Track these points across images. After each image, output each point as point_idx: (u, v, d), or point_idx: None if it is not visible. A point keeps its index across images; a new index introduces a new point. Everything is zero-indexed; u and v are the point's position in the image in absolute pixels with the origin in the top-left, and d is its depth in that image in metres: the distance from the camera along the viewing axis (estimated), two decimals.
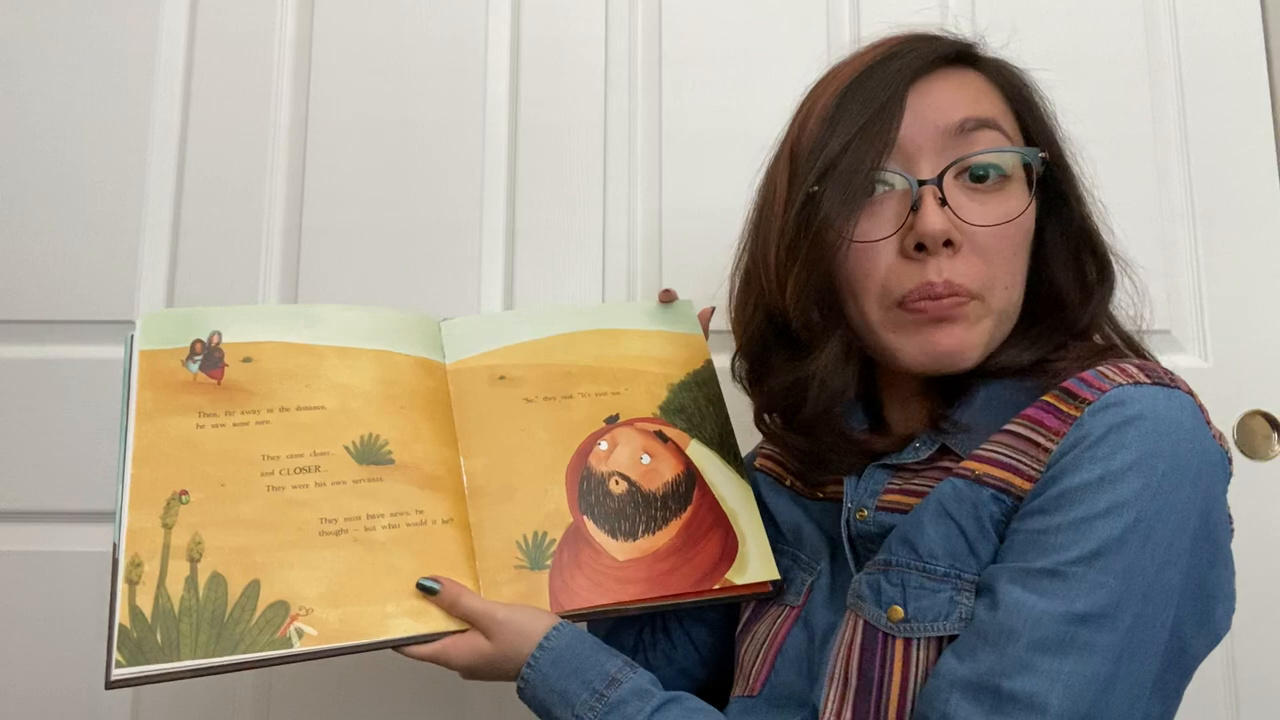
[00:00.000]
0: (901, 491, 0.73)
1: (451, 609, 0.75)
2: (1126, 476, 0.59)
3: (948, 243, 0.67)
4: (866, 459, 0.78)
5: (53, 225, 1.33)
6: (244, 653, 0.70)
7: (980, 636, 0.60)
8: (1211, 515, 0.62)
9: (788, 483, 0.89)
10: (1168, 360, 1.25)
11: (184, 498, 0.73)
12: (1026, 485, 0.63)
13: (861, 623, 0.68)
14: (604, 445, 0.87)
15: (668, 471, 0.87)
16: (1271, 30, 1.35)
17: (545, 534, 0.81)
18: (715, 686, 0.94)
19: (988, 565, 0.64)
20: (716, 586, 0.80)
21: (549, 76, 1.36)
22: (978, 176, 0.68)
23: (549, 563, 0.80)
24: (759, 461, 0.96)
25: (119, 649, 0.68)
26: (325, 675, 1.21)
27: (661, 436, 0.89)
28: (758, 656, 0.81)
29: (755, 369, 0.84)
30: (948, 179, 0.68)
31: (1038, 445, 0.63)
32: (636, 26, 1.38)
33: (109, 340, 1.28)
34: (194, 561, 0.71)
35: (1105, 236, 0.77)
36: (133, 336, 0.80)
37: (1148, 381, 0.62)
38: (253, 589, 0.71)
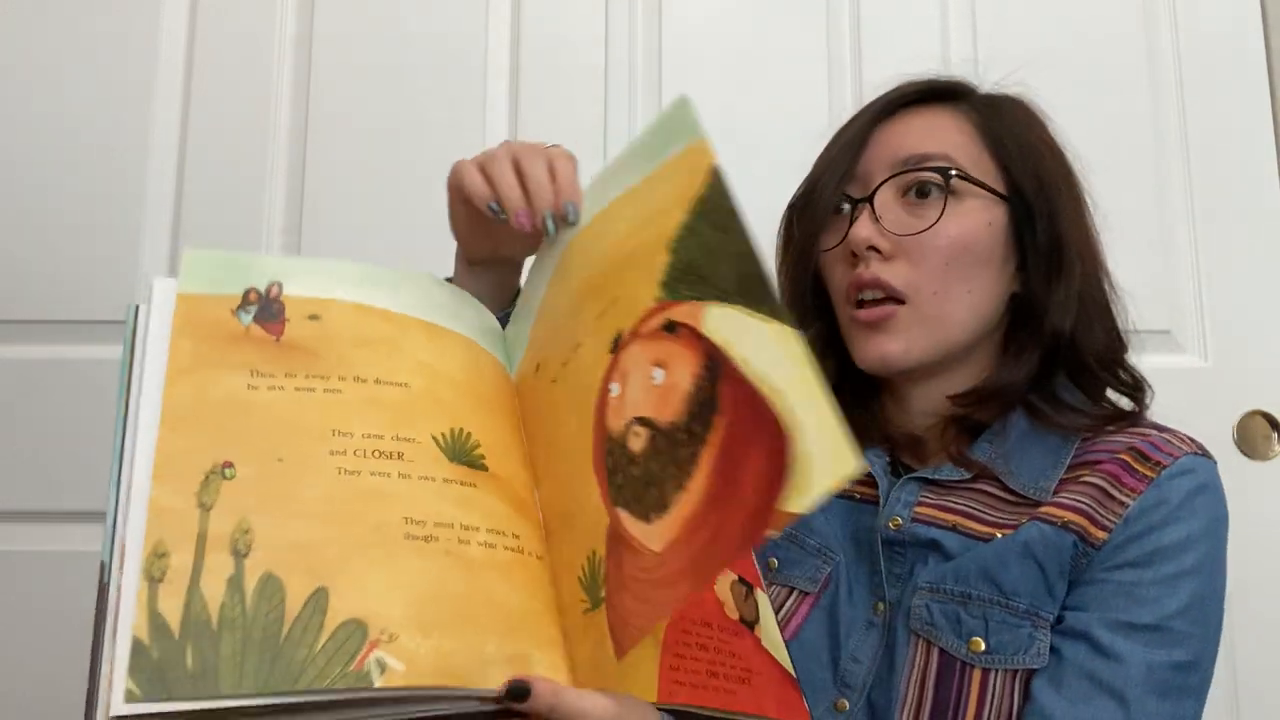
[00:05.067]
0: (937, 507, 0.75)
1: (550, 714, 0.52)
2: (1203, 539, 0.68)
3: (876, 249, 0.75)
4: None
5: (53, 225, 1.31)
6: (308, 686, 0.47)
7: (1095, 683, 0.65)
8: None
9: None
10: (1168, 360, 1.25)
11: (228, 471, 0.53)
12: (1101, 534, 0.68)
13: (937, 650, 0.70)
14: (615, 388, 0.58)
15: (684, 377, 0.54)
16: (1271, 30, 1.31)
17: (595, 553, 0.56)
18: None
19: (1060, 603, 0.69)
20: (771, 529, 0.48)
21: (549, 77, 1.31)
22: (921, 193, 0.76)
23: (603, 593, 0.54)
24: None
25: (132, 672, 0.45)
26: None
27: (667, 328, 0.56)
28: None
29: None
30: (884, 195, 0.76)
31: (1113, 499, 0.69)
32: (636, 27, 1.37)
33: (109, 340, 1.20)
34: (240, 556, 0.50)
35: (1100, 261, 0.80)
36: (152, 286, 0.60)
37: (1201, 453, 0.71)
38: (319, 599, 0.50)
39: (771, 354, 0.51)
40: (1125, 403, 0.79)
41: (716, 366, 0.53)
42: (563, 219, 0.66)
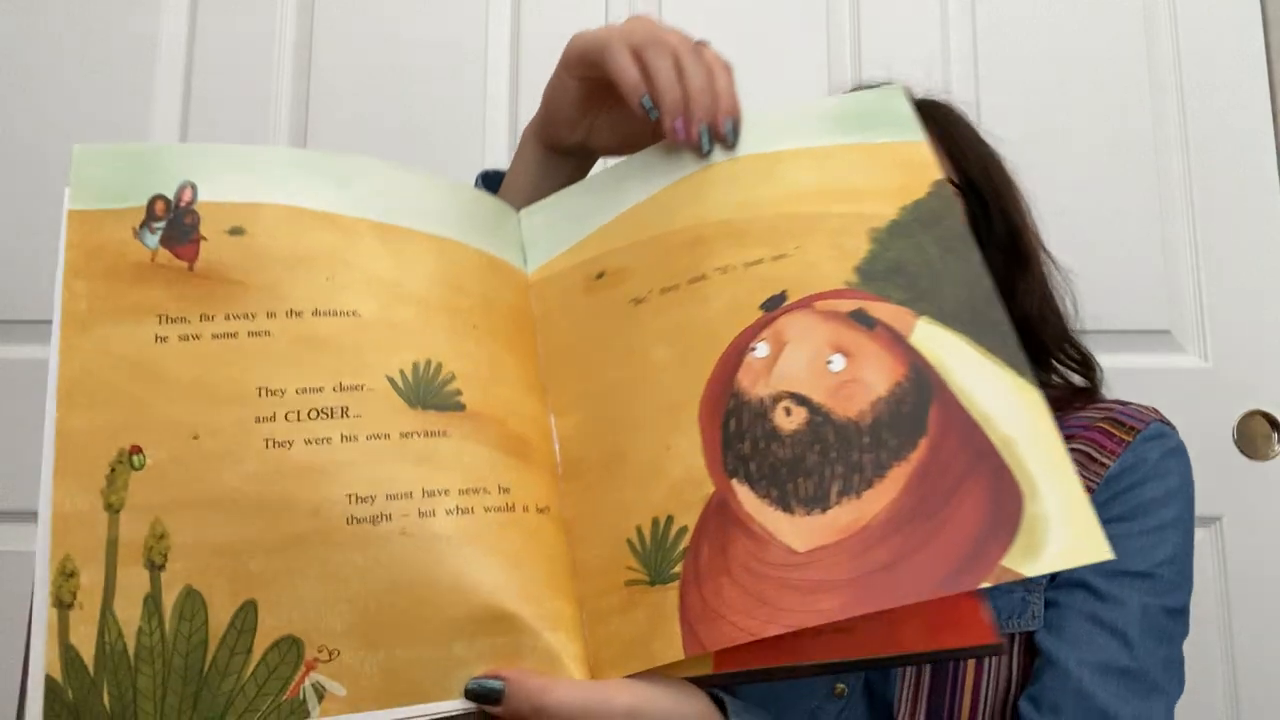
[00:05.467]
0: None
1: (536, 715, 0.42)
2: (1179, 495, 0.71)
3: None
4: None
5: (54, 225, 1.32)
6: None
7: (1097, 623, 0.67)
8: None
9: None
10: (1168, 360, 1.26)
11: (136, 459, 0.43)
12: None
13: None
14: (761, 349, 0.50)
15: (879, 380, 0.48)
16: (1271, 30, 1.30)
17: (670, 520, 0.47)
18: None
19: None
20: (985, 582, 0.42)
21: (549, 76, 1.36)
22: None
23: (677, 569, 0.45)
24: None
25: (48, 717, 0.40)
26: None
27: (863, 319, 0.50)
28: None
29: None
30: None
31: (1096, 461, 0.72)
32: None
33: None
34: (156, 569, 0.42)
35: (1040, 241, 0.82)
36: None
37: (1166, 422, 0.75)
38: (245, 616, 0.42)
39: (1006, 401, 0.47)
40: (1077, 379, 0.81)
41: (927, 385, 0.48)
42: (721, 139, 0.56)
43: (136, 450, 0.44)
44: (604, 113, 0.63)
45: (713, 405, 0.50)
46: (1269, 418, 1.22)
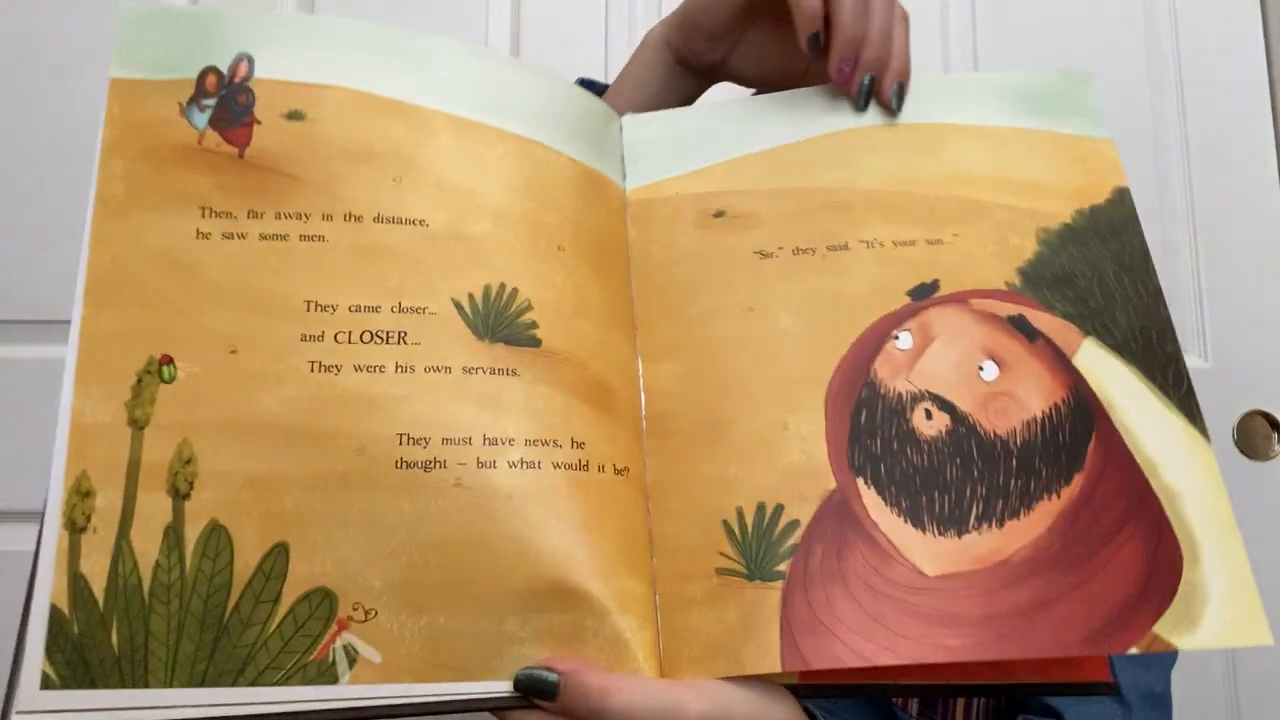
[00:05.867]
0: None
1: (594, 718, 0.35)
2: None
3: None
4: None
5: (54, 225, 1.31)
6: (252, 686, 0.35)
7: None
8: None
9: None
10: None
11: (167, 370, 0.38)
12: None
13: None
14: (905, 339, 0.45)
15: (1035, 398, 0.43)
16: (1271, 30, 1.27)
17: (780, 509, 0.41)
18: None
19: None
20: (1134, 648, 0.38)
21: None
22: None
23: (782, 568, 0.40)
24: None
25: (50, 652, 0.35)
26: None
27: (1023, 327, 0.45)
28: None
29: None
30: None
31: None
32: (636, 27, 1.36)
33: None
34: (180, 497, 0.37)
35: None
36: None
37: None
38: (276, 560, 0.37)
39: (1174, 450, 0.43)
40: None
41: (1089, 415, 0.44)
42: (884, 101, 0.49)
43: (167, 360, 0.38)
44: (755, 34, 0.54)
45: (843, 390, 0.44)
46: (1269, 418, 1.22)
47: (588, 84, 0.64)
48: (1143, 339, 0.45)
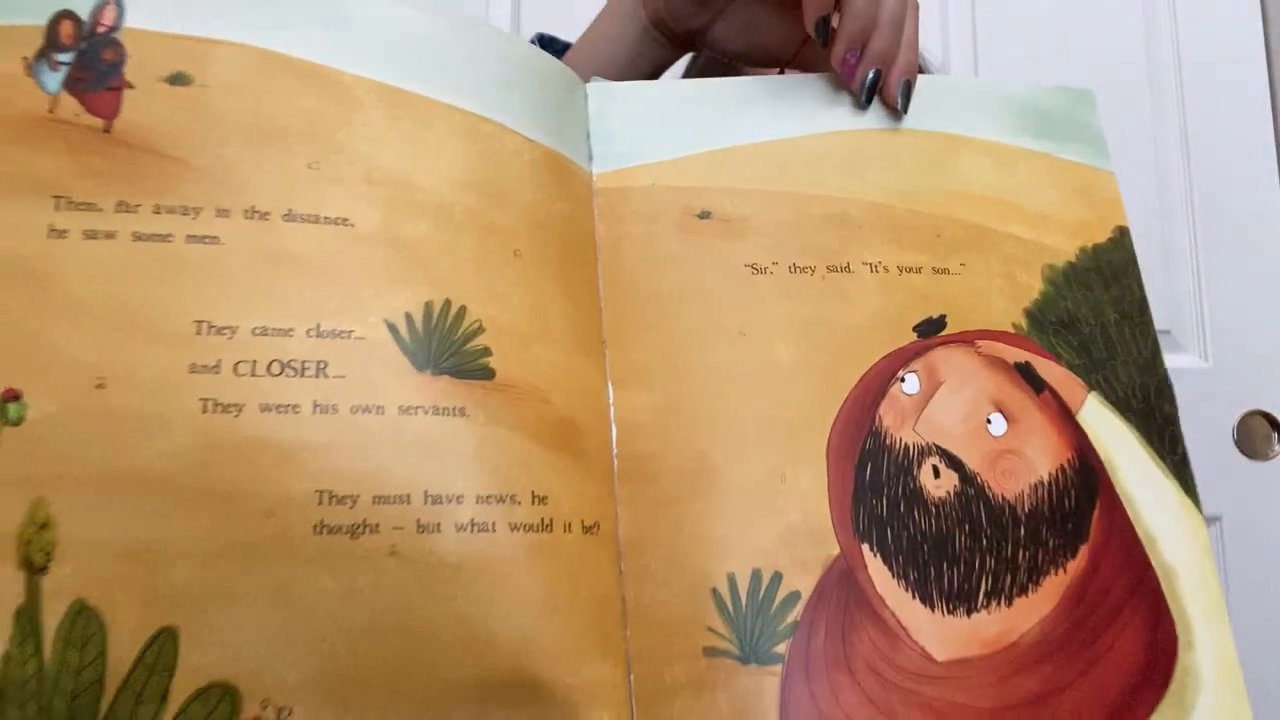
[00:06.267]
0: None
1: None
2: None
3: None
4: None
5: None
6: None
7: None
8: None
9: None
10: (1168, 360, 1.24)
11: (12, 408, 0.28)
12: None
13: None
14: (911, 382, 0.40)
15: (1042, 459, 0.39)
16: (1271, 30, 1.28)
17: (778, 579, 0.35)
18: None
19: None
20: None
21: None
22: None
23: (781, 649, 0.34)
24: None
25: None
26: None
27: (1031, 377, 0.41)
28: None
29: None
30: None
31: None
32: None
33: None
34: (35, 571, 0.28)
35: None
36: None
37: None
38: (163, 649, 0.28)
39: (1172, 523, 0.40)
40: None
41: (1093, 481, 0.40)
42: (888, 99, 0.44)
43: (13, 396, 0.29)
44: (747, 4, 0.48)
45: (846, 438, 0.38)
46: (1269, 418, 1.22)
47: (546, 42, 0.57)
48: (1141, 396, 0.42)
